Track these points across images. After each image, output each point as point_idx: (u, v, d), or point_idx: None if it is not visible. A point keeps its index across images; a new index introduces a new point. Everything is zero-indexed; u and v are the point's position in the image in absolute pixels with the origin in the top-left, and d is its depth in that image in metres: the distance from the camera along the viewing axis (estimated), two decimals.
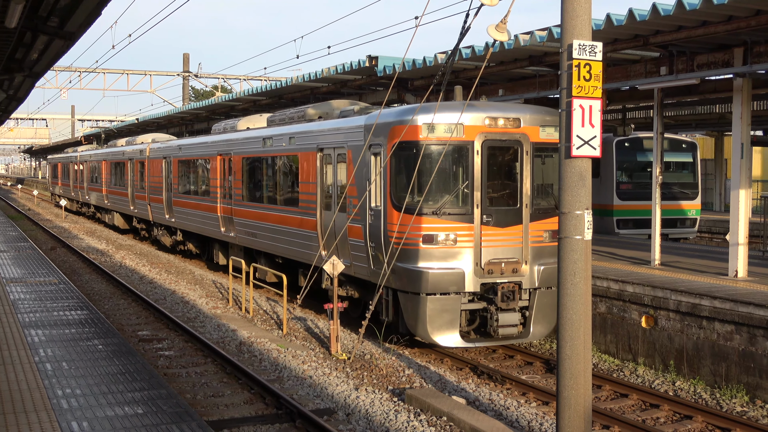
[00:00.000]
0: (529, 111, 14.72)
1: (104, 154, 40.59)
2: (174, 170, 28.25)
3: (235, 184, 22.28)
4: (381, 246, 14.37)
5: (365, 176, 15.08)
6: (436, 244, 13.73)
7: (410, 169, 13.96)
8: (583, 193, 8.82)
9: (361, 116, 15.83)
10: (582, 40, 8.60)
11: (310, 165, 17.56)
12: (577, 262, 8.83)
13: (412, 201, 13.89)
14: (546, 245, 14.39)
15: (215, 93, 52.04)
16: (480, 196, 13.93)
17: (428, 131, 13.66)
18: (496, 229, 14.02)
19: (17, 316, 14.60)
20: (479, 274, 13.81)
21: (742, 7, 12.47)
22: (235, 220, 22.10)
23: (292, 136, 18.59)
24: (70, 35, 12.03)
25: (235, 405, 11.69)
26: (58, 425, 8.47)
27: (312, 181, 17.40)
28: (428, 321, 13.59)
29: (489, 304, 13.98)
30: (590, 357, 8.95)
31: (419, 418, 10.87)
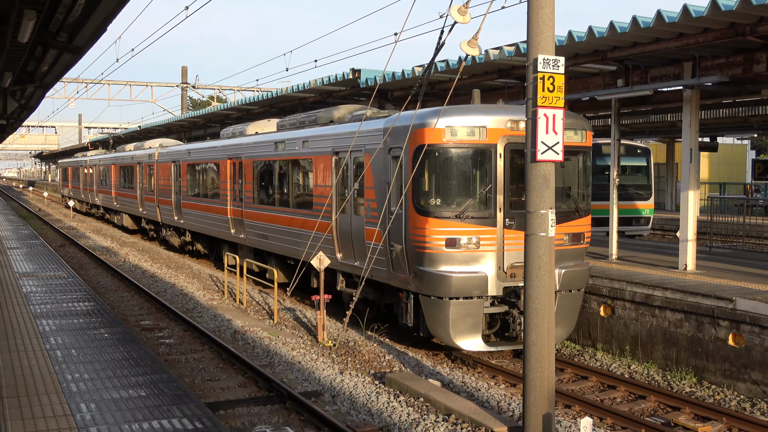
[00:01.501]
0: None
1: (113, 159, 39.52)
2: (183, 173, 27.12)
3: (245, 187, 21.04)
4: (402, 249, 13.29)
5: (384, 180, 13.93)
6: (459, 248, 12.59)
7: (433, 172, 13.01)
8: (547, 194, 8.88)
9: (379, 120, 14.66)
10: (546, 54, 8.66)
11: (324, 168, 16.35)
12: (542, 257, 8.89)
13: (435, 204, 12.93)
14: (566, 248, 13.35)
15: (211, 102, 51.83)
16: (503, 199, 12.83)
17: (451, 134, 12.63)
18: (518, 233, 12.46)
19: (29, 308, 14.53)
20: (502, 278, 12.76)
21: (690, 26, 12.58)
22: (246, 222, 20.89)
23: (305, 140, 17.40)
24: (78, 49, 12.00)
25: (230, 388, 11.68)
26: (68, 407, 8.45)
27: (327, 185, 16.19)
28: (451, 325, 12.58)
29: (511, 308, 13.01)
30: (553, 343, 9.01)
31: (398, 399, 10.90)
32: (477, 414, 9.92)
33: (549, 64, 8.66)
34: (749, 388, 11.88)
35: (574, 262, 13.37)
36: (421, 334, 13.54)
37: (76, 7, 9.67)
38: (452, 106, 13.17)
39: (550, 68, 8.66)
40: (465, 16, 10.14)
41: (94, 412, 8.31)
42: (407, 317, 13.57)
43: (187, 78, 50.28)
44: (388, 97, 20.75)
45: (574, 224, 13.40)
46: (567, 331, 13.56)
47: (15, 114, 23.19)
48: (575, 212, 13.64)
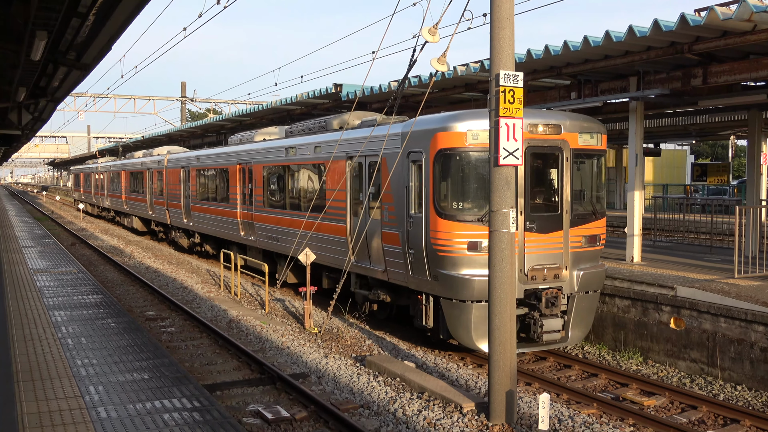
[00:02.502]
0: (568, 118, 12.50)
1: (123, 165, 38.31)
2: (192, 178, 25.87)
3: (255, 192, 19.75)
4: (423, 253, 12.14)
5: (402, 183, 12.74)
6: (481, 251, 11.40)
7: (454, 176, 11.99)
8: (509, 195, 8.94)
9: (397, 124, 13.38)
10: (507, 70, 8.72)
11: (338, 173, 15.09)
12: (504, 250, 8.94)
13: (457, 208, 11.88)
14: (583, 250, 12.37)
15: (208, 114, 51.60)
16: (524, 202, 11.77)
17: (472, 138, 11.56)
18: (539, 236, 11.91)
19: (43, 300, 14.39)
20: (523, 281, 11.75)
21: (635, 44, 12.70)
22: (256, 225, 19.65)
23: (317, 146, 16.12)
24: (86, 66, 11.91)
25: (226, 371, 11.63)
26: (78, 389, 8.39)
27: (340, 188, 14.93)
28: (473, 328, 11.57)
29: (531, 310, 11.95)
30: (515, 328, 9.06)
31: (377, 379, 10.91)
32: (447, 391, 9.95)
33: (510, 79, 8.71)
34: (689, 366, 12.02)
35: (590, 264, 12.46)
36: (441, 336, 12.57)
37: (83, 29, 9.60)
38: (472, 110, 12.25)
39: (511, 82, 8.72)
40: (435, 36, 10.19)
41: (102, 394, 8.26)
42: (426, 320, 12.49)
43: (186, 92, 49.98)
44: (367, 108, 20.75)
45: (590, 226, 12.47)
46: (584, 331, 12.63)
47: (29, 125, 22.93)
48: (592, 214, 12.63)
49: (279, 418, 9.14)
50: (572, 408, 10.01)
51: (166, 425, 7.29)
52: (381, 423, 9.06)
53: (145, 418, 7.48)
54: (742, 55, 12.87)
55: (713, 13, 10.88)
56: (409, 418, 9.14)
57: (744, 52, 12.68)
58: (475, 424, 8.90)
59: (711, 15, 10.91)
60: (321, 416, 9.30)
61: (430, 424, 8.94)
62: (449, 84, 17.26)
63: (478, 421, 8.99)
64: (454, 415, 9.18)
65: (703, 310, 11.71)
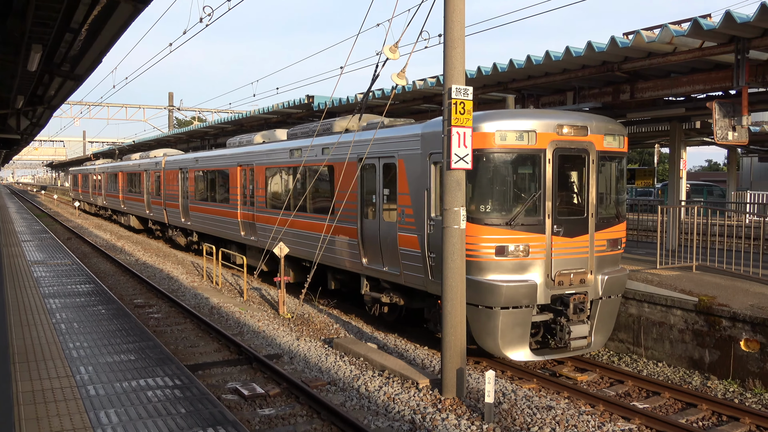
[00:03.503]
0: (594, 119, 11.09)
1: (121, 167, 36.50)
2: (191, 179, 24.28)
3: (257, 193, 18.17)
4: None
5: (422, 186, 11.32)
6: (508, 256, 10.18)
7: (481, 178, 10.45)
8: (459, 195, 8.98)
9: (416, 125, 11.98)
10: (458, 85, 8.76)
11: (348, 175, 13.51)
12: (455, 245, 8.98)
13: (484, 211, 10.40)
14: (607, 254, 11.03)
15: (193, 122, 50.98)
16: (551, 205, 10.42)
17: (500, 139, 10.20)
18: (566, 240, 10.52)
19: (39, 289, 14.10)
20: (550, 286, 10.37)
21: (572, 63, 12.82)
22: (257, 225, 18.05)
23: (325, 147, 14.47)
24: (79, 77, 11.70)
25: (208, 353, 11.53)
26: (69, 369, 8.24)
27: (351, 190, 13.33)
28: (500, 335, 10.18)
29: (558, 316, 10.63)
30: (464, 312, 9.11)
31: (343, 359, 10.90)
32: (405, 369, 9.97)
33: (461, 92, 8.75)
34: (617, 346, 12.21)
35: (613, 268, 11.17)
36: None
37: (76, 43, 9.43)
38: (499, 110, 10.93)
39: (462, 96, 8.76)
40: (395, 54, 10.17)
41: (91, 373, 8.13)
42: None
43: (173, 101, 49.30)
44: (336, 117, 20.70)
45: (613, 230, 11.15)
46: (606, 336, 11.24)
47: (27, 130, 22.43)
48: (615, 218, 11.27)
49: (255, 394, 9.09)
50: (515, 383, 10.11)
51: (149, 401, 7.20)
52: (346, 398, 9.05)
53: (131, 395, 7.38)
54: (664, 74, 13.09)
55: (639, 36, 11.04)
56: (371, 394, 9.15)
57: (666, 71, 12.90)
58: (429, 398, 8.94)
59: (637, 38, 11.07)
60: (293, 392, 9.26)
61: (390, 398, 8.95)
62: (409, 96, 17.26)
63: (432, 395, 9.03)
64: (411, 390, 9.21)
65: (630, 296, 11.90)
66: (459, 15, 8.77)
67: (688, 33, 10.41)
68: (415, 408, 8.53)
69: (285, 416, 8.41)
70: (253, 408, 8.70)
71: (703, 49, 11.09)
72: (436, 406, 8.63)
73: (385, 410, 8.54)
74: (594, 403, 9.46)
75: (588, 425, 8.12)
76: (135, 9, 7.38)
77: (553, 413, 8.44)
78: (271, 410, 8.61)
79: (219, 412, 6.90)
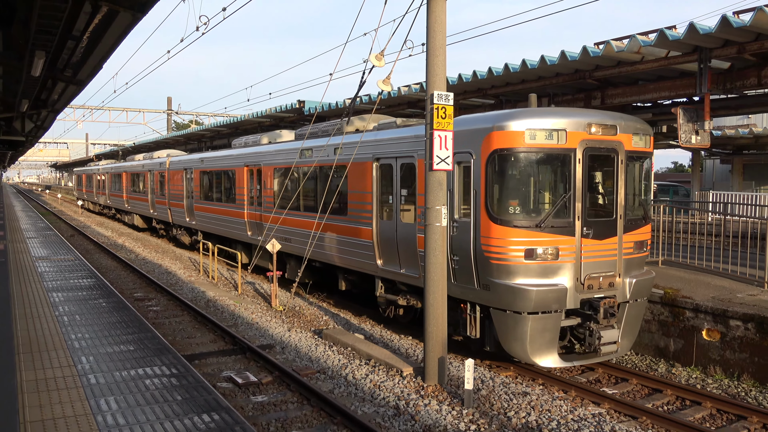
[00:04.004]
0: (623, 118, 10.14)
1: (125, 167, 35.16)
2: (196, 180, 23.04)
3: (265, 193, 17.04)
4: (470, 260, 9.76)
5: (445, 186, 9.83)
6: (537, 259, 9.26)
7: (510, 178, 9.53)
8: (441, 195, 9.00)
9: None
10: (440, 91, 8.77)
11: (362, 175, 12.58)
12: (437, 241, 9.00)
13: (513, 213, 9.44)
14: (634, 257, 10.13)
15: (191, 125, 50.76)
16: (581, 207, 9.50)
17: (530, 138, 9.27)
18: (595, 242, 9.62)
19: (43, 283, 13.98)
20: (579, 290, 9.48)
21: (547, 71, 12.89)
22: (266, 225, 16.67)
23: (337, 147, 13.34)
24: (81, 82, 11.64)
25: (204, 343, 11.48)
26: (71, 359, 8.18)
27: (365, 191, 12.47)
28: (529, 341, 9.29)
29: (587, 320, 9.70)
30: (446, 305, 9.12)
31: (332, 349, 10.90)
32: (390, 358, 9.99)
33: (442, 98, 8.76)
34: None
35: (640, 271, 10.33)
36: (488, 348, 10.16)
37: (77, 50, 9.38)
38: (528, 108, 9.96)
39: (443, 101, 8.77)
40: (381, 61, 10.18)
41: (92, 363, 8.08)
42: (471, 330, 10.18)
43: (171, 105, 49.04)
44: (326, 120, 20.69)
45: (640, 232, 10.24)
46: (632, 341, 10.33)
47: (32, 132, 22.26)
48: (642, 219, 10.36)
49: (248, 382, 9.06)
50: (493, 371, 10.15)
51: (147, 389, 7.17)
52: (334, 385, 9.05)
53: (129, 383, 7.34)
54: (632, 81, 13.19)
55: (609, 46, 11.12)
56: (358, 381, 9.16)
57: (634, 78, 13.00)
58: (412, 385, 8.96)
59: (607, 48, 11.15)
60: (284, 380, 9.25)
61: (376, 385, 8.97)
62: (395, 102, 17.28)
63: (416, 382, 9.05)
64: (396, 378, 9.23)
65: None
66: (441, 25, 8.79)
67: (654, 43, 10.50)
68: (399, 394, 8.55)
69: (277, 403, 8.41)
70: (247, 395, 8.69)
71: (669, 59, 11.19)
72: (419, 392, 8.65)
73: (371, 397, 8.56)
74: (566, 389, 9.52)
75: (561, 409, 8.18)
76: (134, 18, 7.34)
77: (528, 399, 8.49)
78: (263, 397, 8.60)
79: (213, 399, 6.89)
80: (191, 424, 6.23)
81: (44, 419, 6.20)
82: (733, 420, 8.53)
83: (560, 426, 7.61)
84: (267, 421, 7.71)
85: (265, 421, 7.71)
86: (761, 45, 9.97)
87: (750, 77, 11.22)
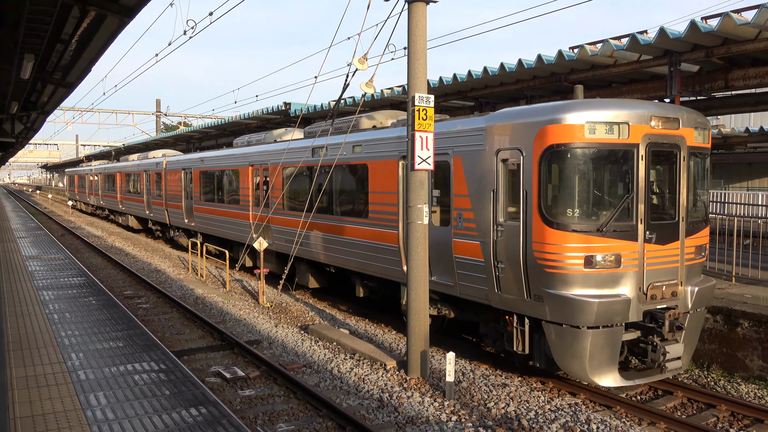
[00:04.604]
0: (685, 111, 8.88)
1: (119, 167, 33.29)
2: (195, 180, 21.49)
3: (273, 194, 15.51)
4: (520, 268, 8.53)
5: (486, 186, 9.06)
6: (597, 267, 8.05)
7: (567, 177, 8.25)
8: (422, 194, 9.03)
9: (477, 117, 9.59)
10: (421, 93, 8.80)
11: (386, 174, 11.30)
12: (419, 239, 9.03)
13: (572, 216, 8.14)
14: (695, 263, 8.97)
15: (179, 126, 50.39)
16: (644, 209, 8.28)
17: (589, 132, 8.05)
18: (658, 247, 8.41)
19: (33, 282, 13.82)
20: (642, 301, 8.30)
21: (524, 74, 12.99)
22: (273, 228, 15.50)
23: (357, 145, 12.12)
24: (70, 84, 11.51)
25: (193, 339, 11.42)
26: (61, 356, 8.10)
27: (390, 191, 11.19)
28: (588, 358, 8.09)
29: (649, 334, 8.49)
30: (427, 299, 9.15)
31: (318, 343, 10.89)
32: (374, 352, 10.00)
33: (423, 100, 8.79)
34: None
35: (700, 278, 9.21)
36: (538, 365, 8.93)
37: (66, 53, 9.28)
38: (585, 99, 8.67)
39: (424, 103, 8.80)
40: (364, 65, 10.17)
41: (82, 359, 8.00)
42: (518, 345, 8.91)
43: (160, 107, 48.65)
44: (311, 122, 20.65)
45: (700, 235, 9.05)
46: (692, 353, 9.20)
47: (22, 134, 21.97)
48: (702, 222, 9.16)
49: (236, 377, 9.03)
50: (473, 364, 10.20)
51: (136, 384, 7.12)
52: (320, 379, 9.05)
53: (118, 379, 7.28)
54: (606, 84, 13.31)
55: (584, 50, 11.22)
56: (343, 375, 9.16)
57: (608, 81, 13.12)
58: (396, 378, 8.98)
59: (582, 51, 11.25)
60: (271, 375, 9.23)
61: (360, 379, 8.97)
62: (378, 104, 17.30)
63: (399, 375, 9.08)
64: (380, 372, 9.24)
65: None
66: (422, 30, 8.81)
67: (627, 47, 10.61)
68: (383, 387, 8.56)
69: (264, 396, 8.39)
70: (235, 390, 8.66)
71: (641, 62, 11.30)
72: (402, 385, 8.67)
73: (355, 390, 8.57)
74: (544, 380, 9.59)
75: (539, 400, 8.24)
76: (121, 22, 7.29)
77: (507, 390, 8.54)
78: (251, 391, 8.57)
79: (201, 393, 6.86)
80: (179, 417, 6.20)
81: (34, 415, 6.14)
82: (703, 408, 8.65)
83: (538, 416, 7.67)
84: (254, 415, 7.69)
85: (252, 415, 7.69)
86: (728, 49, 10.11)
87: (718, 80, 11.38)
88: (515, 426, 7.33)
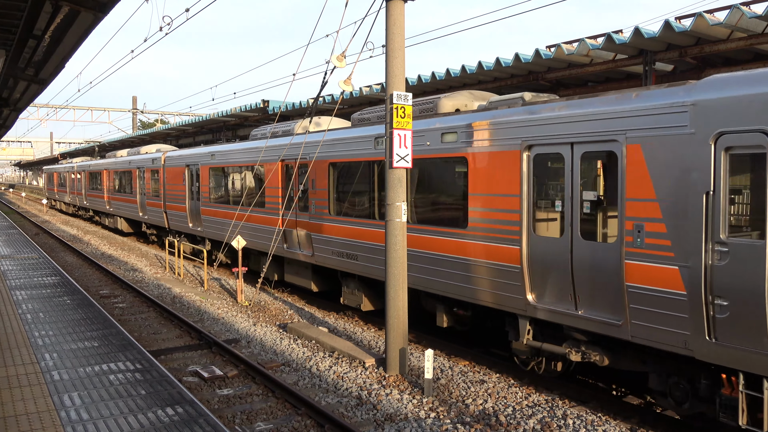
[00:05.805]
0: None
1: (106, 164, 30.12)
2: (204, 178, 18.67)
3: (316, 195, 13.04)
4: (763, 306, 5.93)
5: (692, 186, 6.51)
6: None
7: None
8: (401, 191, 9.04)
9: (674, 88, 6.85)
10: (399, 91, 8.80)
11: (498, 169, 8.79)
12: (397, 236, 9.04)
13: None
14: None
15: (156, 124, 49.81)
16: None
17: None
18: None
19: (6, 282, 13.57)
20: None
21: (502, 72, 12.99)
22: (316, 236, 13.00)
23: (449, 131, 9.65)
24: (43, 81, 11.30)
25: (170, 339, 11.31)
26: (34, 356, 7.98)
27: (503, 194, 8.72)
28: None
29: None
30: (406, 297, 9.16)
31: (297, 342, 10.86)
32: (353, 350, 10.00)
33: (401, 98, 8.80)
34: None
35: None
36: None
37: (39, 49, 9.10)
38: None
39: (402, 101, 8.81)
40: (342, 63, 10.15)
41: (56, 360, 7.89)
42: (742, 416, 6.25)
43: (137, 105, 48.08)
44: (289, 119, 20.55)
45: None
46: None
47: None
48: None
49: (214, 376, 8.97)
50: (452, 360, 10.25)
51: (111, 384, 7.04)
52: (299, 377, 9.02)
53: (93, 379, 7.19)
54: (583, 83, 13.41)
55: (560, 49, 11.29)
56: (322, 373, 9.14)
57: (584, 80, 13.22)
58: (375, 375, 8.99)
59: (558, 51, 11.32)
60: (249, 373, 9.18)
61: (339, 377, 8.96)
62: (356, 101, 17.25)
63: (378, 373, 9.08)
64: (358, 369, 9.24)
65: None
66: (399, 28, 8.81)
67: (602, 46, 10.71)
68: (362, 385, 8.56)
69: (242, 395, 8.34)
70: (213, 389, 8.59)
71: (616, 61, 11.42)
72: (380, 382, 8.68)
73: (334, 388, 8.56)
74: (521, 377, 9.66)
75: (516, 396, 8.31)
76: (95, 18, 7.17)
77: (485, 386, 8.60)
78: (229, 390, 8.52)
79: (177, 392, 6.80)
80: (155, 417, 6.14)
81: (6, 416, 6.04)
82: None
83: (515, 412, 7.73)
84: (233, 414, 7.65)
85: (230, 414, 7.64)
86: (701, 49, 10.25)
87: (691, 79, 11.52)
88: (493, 422, 7.38)
